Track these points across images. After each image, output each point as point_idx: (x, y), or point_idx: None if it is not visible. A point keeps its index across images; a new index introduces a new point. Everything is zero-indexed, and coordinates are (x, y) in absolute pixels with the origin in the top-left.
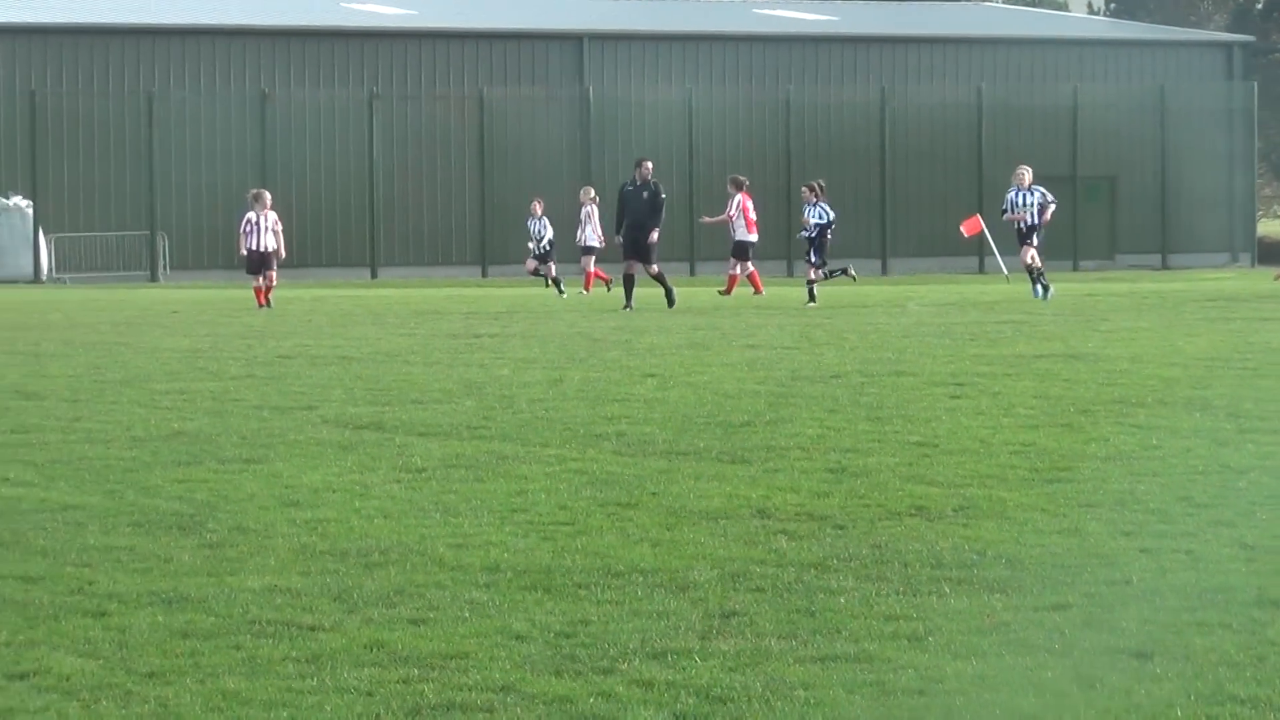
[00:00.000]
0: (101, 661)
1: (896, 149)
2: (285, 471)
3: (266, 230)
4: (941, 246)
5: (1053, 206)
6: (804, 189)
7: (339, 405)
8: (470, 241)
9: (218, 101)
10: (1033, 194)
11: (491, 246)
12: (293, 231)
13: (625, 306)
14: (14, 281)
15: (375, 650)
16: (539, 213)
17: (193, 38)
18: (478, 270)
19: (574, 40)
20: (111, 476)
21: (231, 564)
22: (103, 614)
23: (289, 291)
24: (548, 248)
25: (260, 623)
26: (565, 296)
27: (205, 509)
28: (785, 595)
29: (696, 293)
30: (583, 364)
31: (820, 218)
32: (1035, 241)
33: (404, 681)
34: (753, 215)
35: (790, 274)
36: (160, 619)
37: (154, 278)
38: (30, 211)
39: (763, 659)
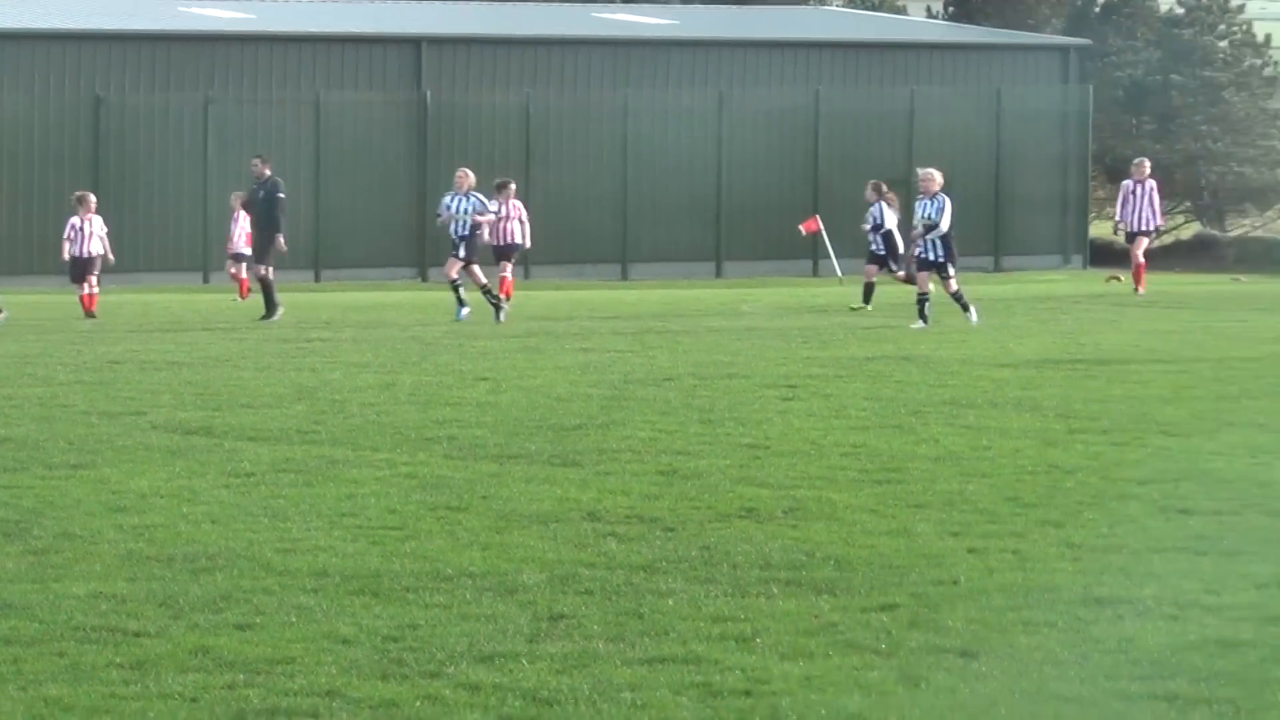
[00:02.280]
0: None
1: (734, 152)
2: (113, 477)
3: (91, 235)
4: (777, 250)
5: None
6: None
7: (168, 410)
8: (304, 246)
9: (51, 105)
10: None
11: (325, 252)
12: (124, 236)
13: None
14: None
15: (200, 656)
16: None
17: (27, 41)
18: (311, 275)
19: (411, 44)
20: None
21: (56, 570)
22: None
23: (119, 296)
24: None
25: (84, 629)
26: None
27: (31, 515)
28: (614, 598)
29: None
30: (415, 368)
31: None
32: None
33: (229, 687)
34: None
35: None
36: None
37: None
38: None
39: (590, 661)
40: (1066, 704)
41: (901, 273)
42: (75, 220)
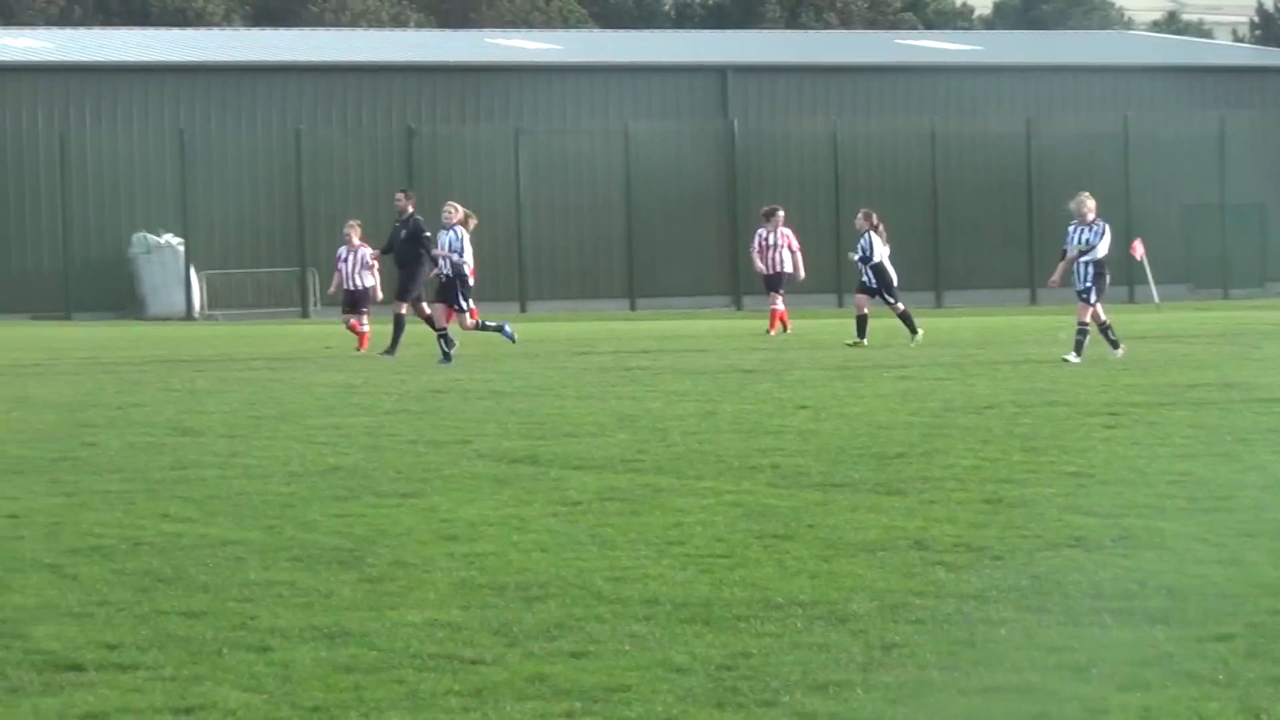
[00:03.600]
0: (266, 696)
1: (1043, 178)
2: (442, 506)
3: (360, 266)
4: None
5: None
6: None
7: (493, 439)
8: (617, 275)
9: (364, 136)
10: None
11: (639, 280)
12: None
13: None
14: (167, 318)
15: (537, 684)
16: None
17: (339, 75)
18: (626, 304)
19: (717, 72)
20: (270, 512)
21: (391, 598)
22: (265, 649)
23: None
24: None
25: (422, 657)
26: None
27: (364, 544)
28: (945, 627)
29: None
30: (735, 396)
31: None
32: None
33: (567, 715)
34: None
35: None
36: (322, 654)
37: (305, 314)
38: (181, 249)
39: (925, 691)
40: None
41: (901, 306)
42: (341, 250)
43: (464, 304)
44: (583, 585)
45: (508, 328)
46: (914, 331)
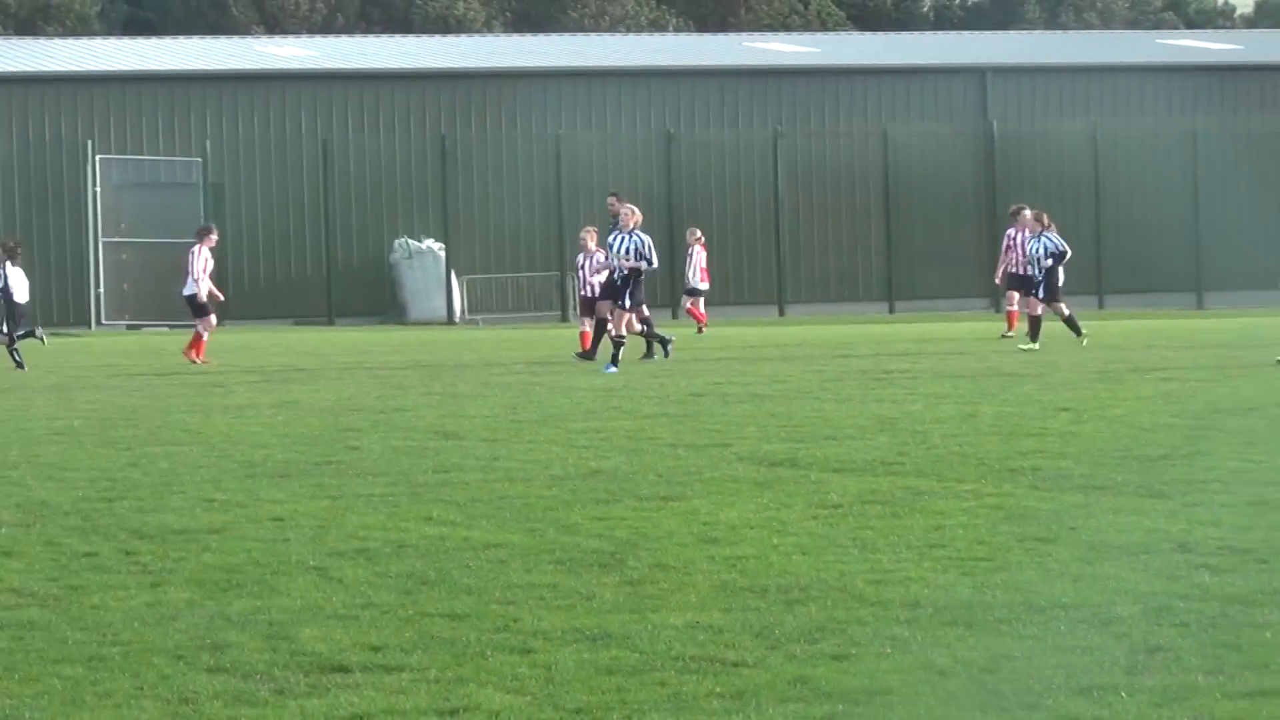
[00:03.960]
0: (529, 698)
1: None
2: (703, 509)
3: (595, 271)
4: None
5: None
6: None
7: (753, 442)
8: (876, 278)
9: (624, 141)
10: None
11: (898, 283)
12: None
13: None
14: (428, 323)
15: (799, 686)
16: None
17: (599, 79)
18: (884, 306)
19: (976, 74)
20: (532, 515)
21: (653, 601)
22: (528, 651)
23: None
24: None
25: (684, 659)
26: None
27: (625, 546)
28: (1210, 630)
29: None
30: (995, 399)
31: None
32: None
33: (828, 718)
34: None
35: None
36: (585, 656)
37: (564, 318)
38: (442, 254)
39: (1190, 694)
40: None
41: (1039, 311)
42: (580, 257)
43: (628, 302)
44: (844, 588)
45: (620, 355)
46: (1034, 340)
